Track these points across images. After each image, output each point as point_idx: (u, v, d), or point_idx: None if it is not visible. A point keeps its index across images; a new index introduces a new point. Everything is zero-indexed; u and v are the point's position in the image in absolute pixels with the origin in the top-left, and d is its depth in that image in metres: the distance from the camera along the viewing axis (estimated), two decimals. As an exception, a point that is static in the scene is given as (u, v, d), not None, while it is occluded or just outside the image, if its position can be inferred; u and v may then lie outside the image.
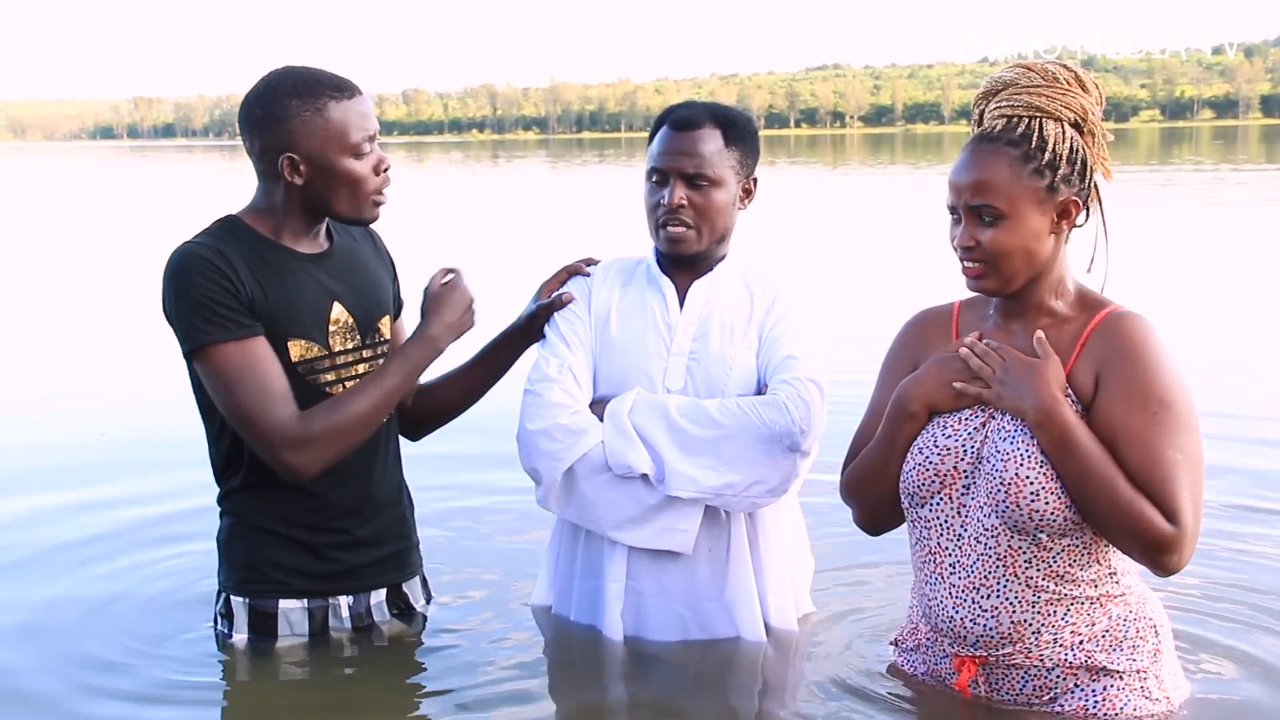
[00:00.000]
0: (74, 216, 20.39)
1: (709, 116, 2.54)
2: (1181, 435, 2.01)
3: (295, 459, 2.33)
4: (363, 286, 2.54)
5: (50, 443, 4.84)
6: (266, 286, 2.36)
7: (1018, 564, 2.11)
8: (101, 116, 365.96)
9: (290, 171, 2.36)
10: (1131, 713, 2.15)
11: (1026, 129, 2.09)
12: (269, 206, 2.43)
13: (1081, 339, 2.11)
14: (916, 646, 2.35)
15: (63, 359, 6.89)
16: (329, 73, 2.42)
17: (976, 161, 2.10)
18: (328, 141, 2.35)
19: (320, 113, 2.35)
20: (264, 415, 2.31)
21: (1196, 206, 17.28)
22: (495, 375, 2.77)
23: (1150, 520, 1.97)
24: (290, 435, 2.31)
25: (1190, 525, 1.98)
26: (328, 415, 2.35)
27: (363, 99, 2.42)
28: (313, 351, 2.42)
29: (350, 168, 2.38)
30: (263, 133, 2.37)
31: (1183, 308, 7.47)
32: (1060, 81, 2.11)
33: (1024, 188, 2.07)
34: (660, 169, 2.53)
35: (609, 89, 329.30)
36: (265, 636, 2.52)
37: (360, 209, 2.44)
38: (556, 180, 33.26)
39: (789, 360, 2.48)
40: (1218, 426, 4.45)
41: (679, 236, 2.51)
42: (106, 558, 3.44)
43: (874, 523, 2.35)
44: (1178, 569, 2.02)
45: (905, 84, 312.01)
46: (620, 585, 2.57)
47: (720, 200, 2.52)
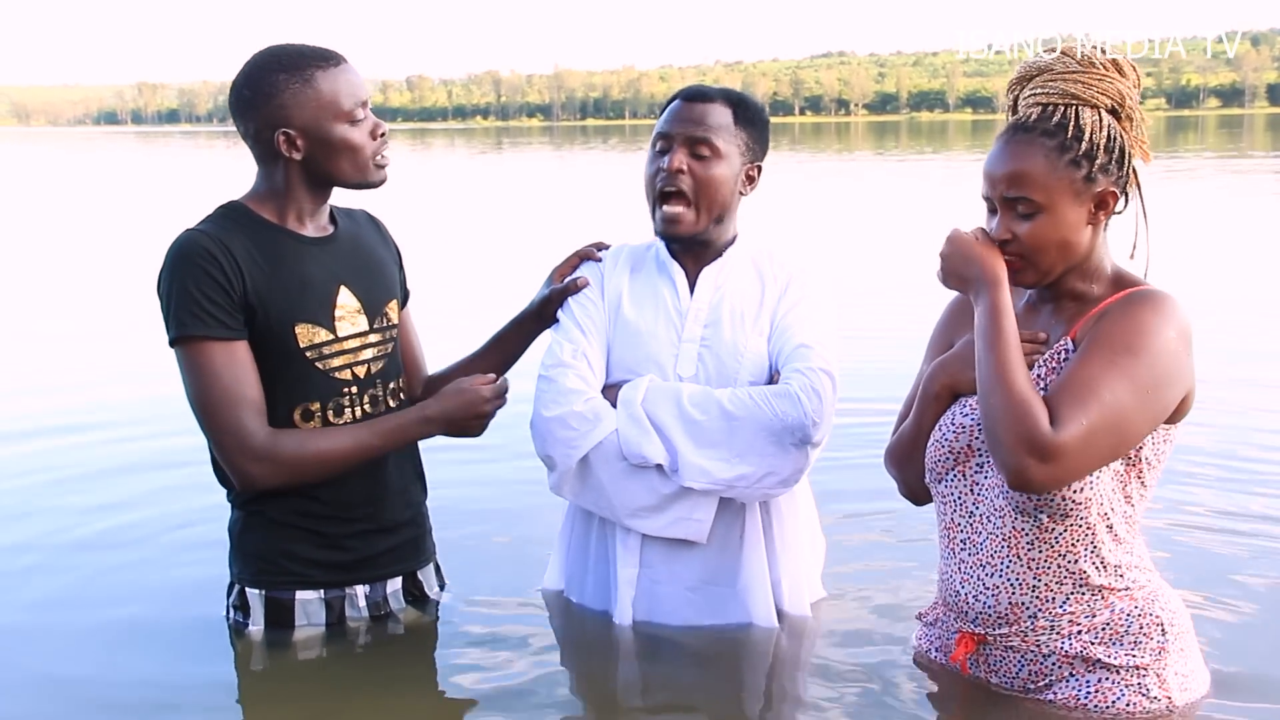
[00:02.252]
0: (84, 202, 20.36)
1: (721, 95, 2.55)
2: (1123, 385, 1.95)
3: (253, 470, 2.33)
4: (368, 271, 2.53)
5: (55, 436, 4.83)
6: (270, 272, 2.35)
7: (1021, 545, 2.12)
8: (106, 102, 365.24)
9: (288, 147, 2.36)
10: (1124, 708, 2.12)
11: (1063, 118, 2.05)
12: (270, 189, 2.42)
13: (1097, 308, 2.09)
14: (934, 621, 2.36)
15: (62, 346, 6.90)
16: (312, 45, 2.41)
17: (1012, 152, 2.07)
18: (320, 111, 2.35)
19: (309, 83, 2.34)
20: (231, 420, 2.31)
21: (1207, 192, 17.21)
22: (508, 361, 2.78)
23: (1034, 417, 1.92)
24: (255, 447, 2.31)
25: (1070, 447, 1.91)
26: (299, 444, 2.35)
27: (349, 66, 2.41)
28: (319, 336, 2.41)
29: (347, 134, 2.38)
30: (255, 113, 2.36)
31: (1205, 293, 7.38)
32: (1096, 66, 2.06)
33: (1060, 179, 2.03)
34: (665, 133, 2.52)
35: (613, 76, 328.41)
36: (282, 627, 2.52)
37: (365, 173, 2.43)
38: (561, 166, 33.16)
39: (801, 349, 2.47)
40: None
41: (676, 216, 2.49)
42: (119, 549, 3.44)
43: (913, 494, 2.39)
44: (1034, 485, 1.94)
45: (910, 72, 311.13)
46: (633, 571, 2.58)
47: (720, 174, 2.49)
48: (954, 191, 18.37)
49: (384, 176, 2.47)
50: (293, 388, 2.39)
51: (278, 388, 2.38)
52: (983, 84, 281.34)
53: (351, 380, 2.46)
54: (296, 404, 2.40)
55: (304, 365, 2.39)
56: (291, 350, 2.38)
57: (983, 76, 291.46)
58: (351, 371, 2.46)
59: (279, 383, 2.38)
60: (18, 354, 6.79)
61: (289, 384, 2.39)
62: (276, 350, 2.37)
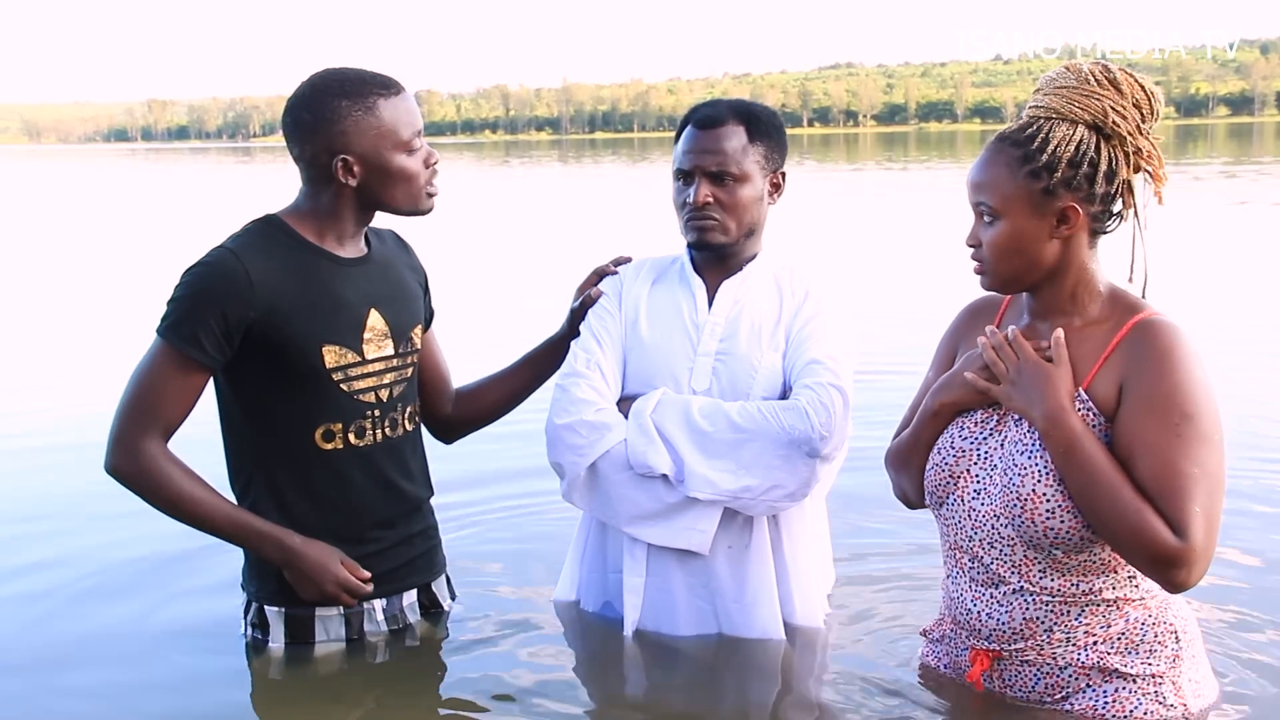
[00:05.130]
0: (98, 221, 20.45)
1: (732, 113, 2.55)
2: (1200, 449, 1.95)
3: (117, 463, 2.34)
4: (398, 294, 2.53)
5: (59, 452, 4.81)
6: (301, 292, 2.34)
7: (1032, 571, 2.12)
8: (116, 119, 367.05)
9: (344, 174, 2.35)
10: (1141, 717, 2.12)
11: (1035, 130, 2.07)
12: (314, 209, 2.42)
13: (1109, 347, 2.07)
14: (941, 638, 2.36)
15: (75, 352, 6.91)
16: (372, 71, 2.40)
17: (985, 161, 2.11)
18: (380, 140, 2.35)
19: (371, 111, 2.34)
20: (133, 421, 2.32)
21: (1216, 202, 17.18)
22: (538, 380, 2.79)
23: (1156, 532, 1.92)
24: (126, 448, 2.32)
25: (1201, 541, 1.91)
26: (158, 475, 2.33)
27: (408, 95, 2.41)
28: (346, 358, 2.40)
29: (404, 164, 2.38)
30: (314, 136, 2.35)
31: (1206, 309, 7.39)
32: (1090, 82, 2.06)
33: (1017, 188, 2.05)
34: (685, 169, 2.55)
35: (622, 89, 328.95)
36: (302, 643, 2.52)
37: (417, 202, 2.44)
38: (570, 180, 33.22)
39: (813, 365, 2.48)
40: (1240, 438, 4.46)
41: (707, 227, 2.53)
42: (134, 563, 3.44)
43: (906, 499, 2.39)
44: (1186, 586, 1.95)
45: (918, 82, 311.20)
46: (640, 581, 2.59)
47: (746, 196, 2.53)
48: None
49: (433, 205, 2.48)
50: (317, 407, 2.39)
51: (301, 406, 2.38)
52: (991, 94, 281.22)
53: (375, 403, 2.46)
54: (320, 424, 2.40)
55: (329, 386, 2.39)
56: (318, 370, 2.37)
57: (991, 86, 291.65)
58: (375, 395, 2.46)
59: (303, 401, 2.38)
60: (30, 361, 6.81)
61: (313, 403, 2.39)
62: (302, 369, 2.36)
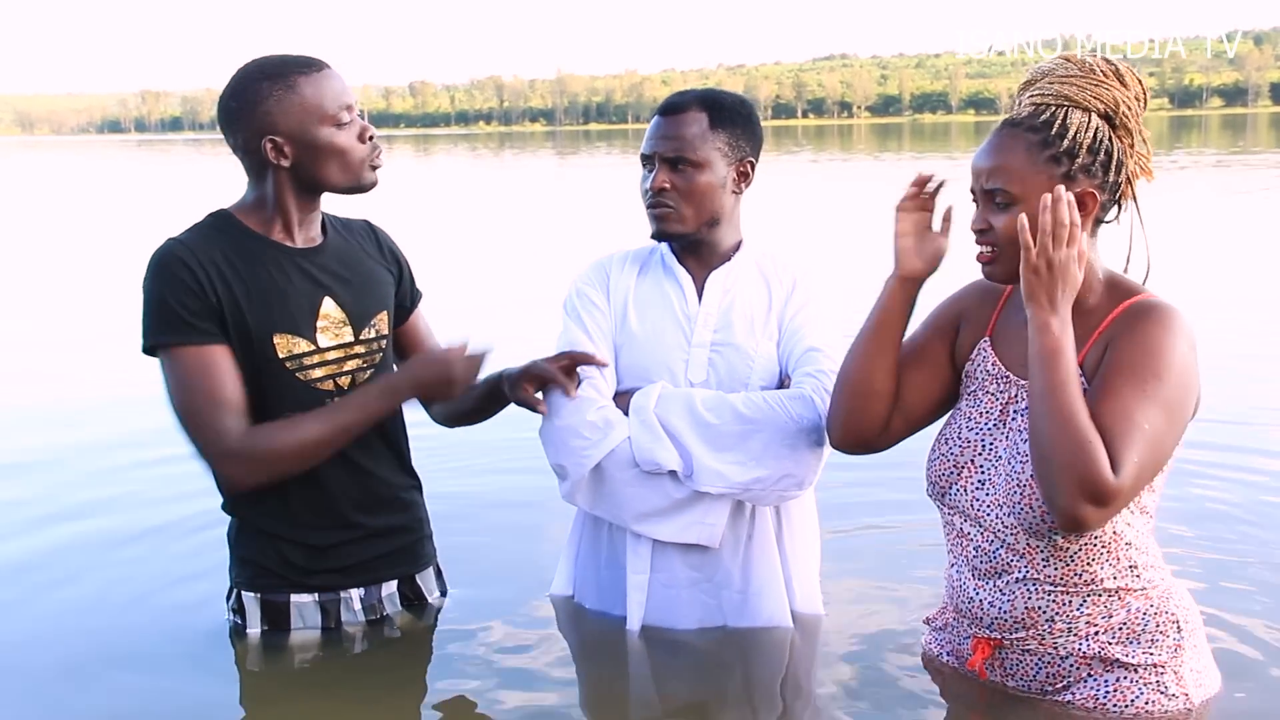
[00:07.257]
0: (91, 211, 20.41)
1: (695, 100, 2.53)
2: (1158, 412, 1.95)
3: (231, 471, 2.33)
4: (357, 281, 2.52)
5: (48, 439, 4.82)
6: (249, 282, 2.35)
7: (1036, 560, 2.12)
8: (109, 110, 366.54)
9: (275, 154, 2.36)
10: (1143, 706, 2.12)
11: (1050, 116, 2.07)
12: (259, 200, 2.43)
13: (1103, 324, 2.08)
14: (944, 626, 2.36)
15: (64, 346, 6.90)
16: (295, 55, 2.43)
17: (996, 145, 2.10)
18: (305, 116, 2.35)
19: (293, 89, 2.35)
20: (208, 422, 2.30)
21: (1207, 193, 17.21)
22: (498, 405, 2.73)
23: (1099, 463, 1.89)
24: (230, 447, 2.31)
25: (1127, 487, 1.92)
26: (272, 436, 2.34)
27: (332, 72, 2.42)
28: (299, 347, 2.40)
29: (333, 139, 2.38)
30: (242, 122, 2.37)
31: (1206, 297, 7.39)
32: (1096, 73, 2.09)
33: (1038, 173, 2.05)
34: (645, 154, 2.54)
35: (616, 80, 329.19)
36: (279, 630, 2.54)
37: (356, 177, 2.42)
38: (564, 172, 33.20)
39: (812, 353, 2.48)
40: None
41: (663, 215, 2.51)
42: (115, 551, 3.45)
43: (857, 434, 2.28)
44: (1090, 526, 1.94)
45: (912, 74, 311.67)
46: (644, 577, 2.57)
47: (703, 183, 2.50)
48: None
49: (375, 179, 2.47)
50: (274, 398, 2.39)
51: (259, 397, 2.38)
52: (985, 85, 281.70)
53: (334, 391, 2.45)
54: (280, 413, 2.39)
55: (284, 375, 2.39)
56: (271, 360, 2.38)
57: (985, 78, 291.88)
58: (334, 382, 2.45)
59: (260, 392, 2.38)
60: (19, 356, 6.79)
61: (270, 394, 2.39)
62: (256, 360, 2.37)
